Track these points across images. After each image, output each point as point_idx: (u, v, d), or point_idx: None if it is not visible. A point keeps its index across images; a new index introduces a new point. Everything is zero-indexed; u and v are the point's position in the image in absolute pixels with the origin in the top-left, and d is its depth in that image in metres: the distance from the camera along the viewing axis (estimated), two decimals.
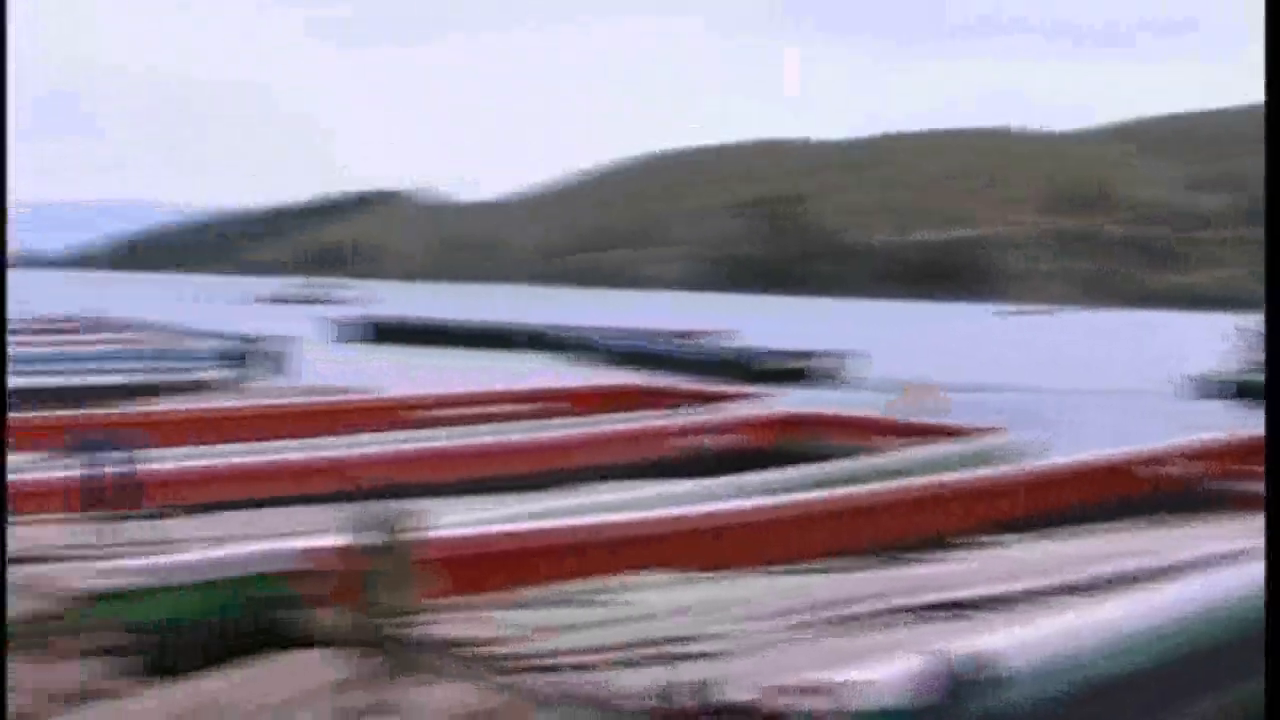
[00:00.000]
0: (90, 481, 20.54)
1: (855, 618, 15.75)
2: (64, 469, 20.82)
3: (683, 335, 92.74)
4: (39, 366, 43.10)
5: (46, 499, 20.48)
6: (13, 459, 20.40)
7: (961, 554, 21.71)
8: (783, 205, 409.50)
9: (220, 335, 62.65)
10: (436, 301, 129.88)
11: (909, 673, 11.26)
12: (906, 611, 16.12)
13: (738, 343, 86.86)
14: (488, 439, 30.31)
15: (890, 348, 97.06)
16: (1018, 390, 68.99)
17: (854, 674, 11.20)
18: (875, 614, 15.79)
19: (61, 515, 19.80)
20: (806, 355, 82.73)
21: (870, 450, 29.62)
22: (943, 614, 16.23)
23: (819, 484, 22.45)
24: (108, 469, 20.42)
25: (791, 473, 24.06)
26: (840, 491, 21.73)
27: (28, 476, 20.02)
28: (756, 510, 20.28)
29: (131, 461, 20.53)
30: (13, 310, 19.54)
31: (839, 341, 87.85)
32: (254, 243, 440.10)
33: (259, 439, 29.64)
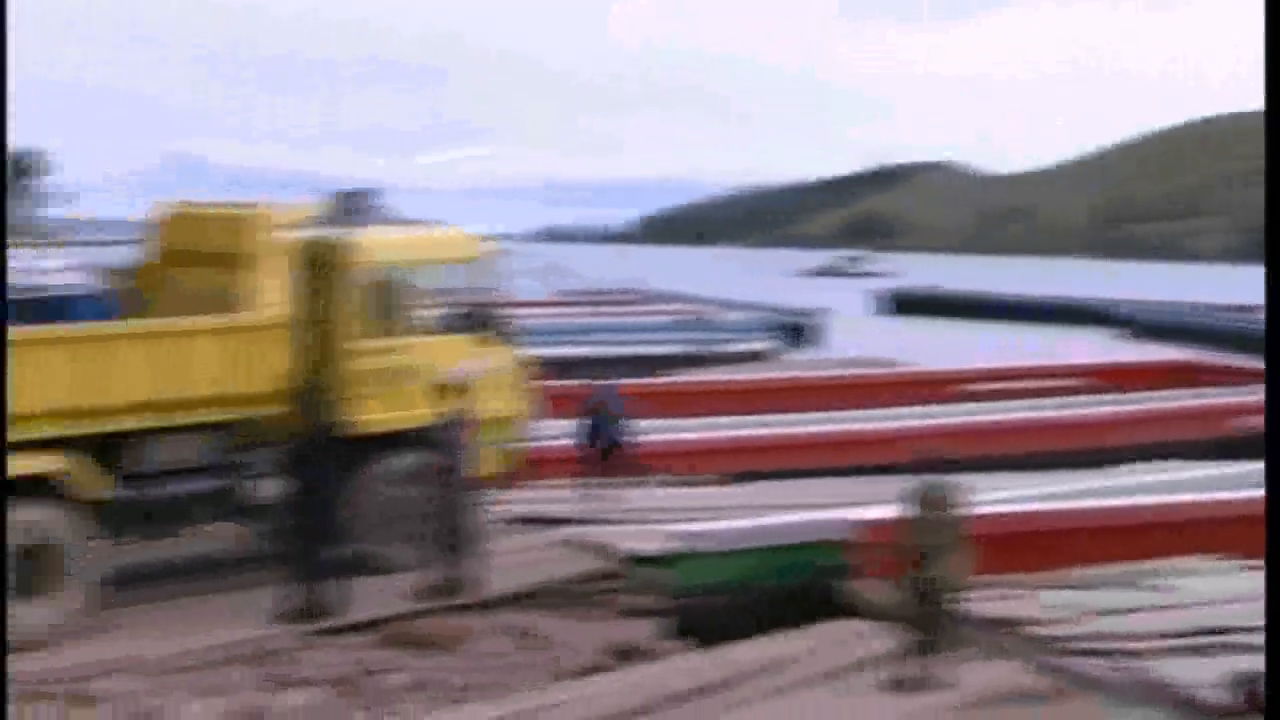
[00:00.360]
0: (591, 447, 21.18)
1: None
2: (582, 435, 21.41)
3: (1236, 309, 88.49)
4: (593, 337, 44.93)
5: (567, 464, 21.22)
6: (550, 424, 20.97)
7: None
8: None
9: (758, 307, 63.86)
10: (973, 274, 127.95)
11: None
12: None
13: None
14: (1034, 414, 29.87)
15: None
16: None
17: None
18: None
19: (596, 480, 20.50)
20: None
21: None
22: None
23: None
24: (610, 436, 20.97)
25: None
26: None
27: (548, 443, 20.80)
28: None
29: (628, 429, 20.97)
30: (566, 283, 20.32)
31: None
32: (797, 216, 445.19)
33: (800, 409, 30.16)
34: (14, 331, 13.89)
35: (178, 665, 13.41)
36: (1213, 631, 13.51)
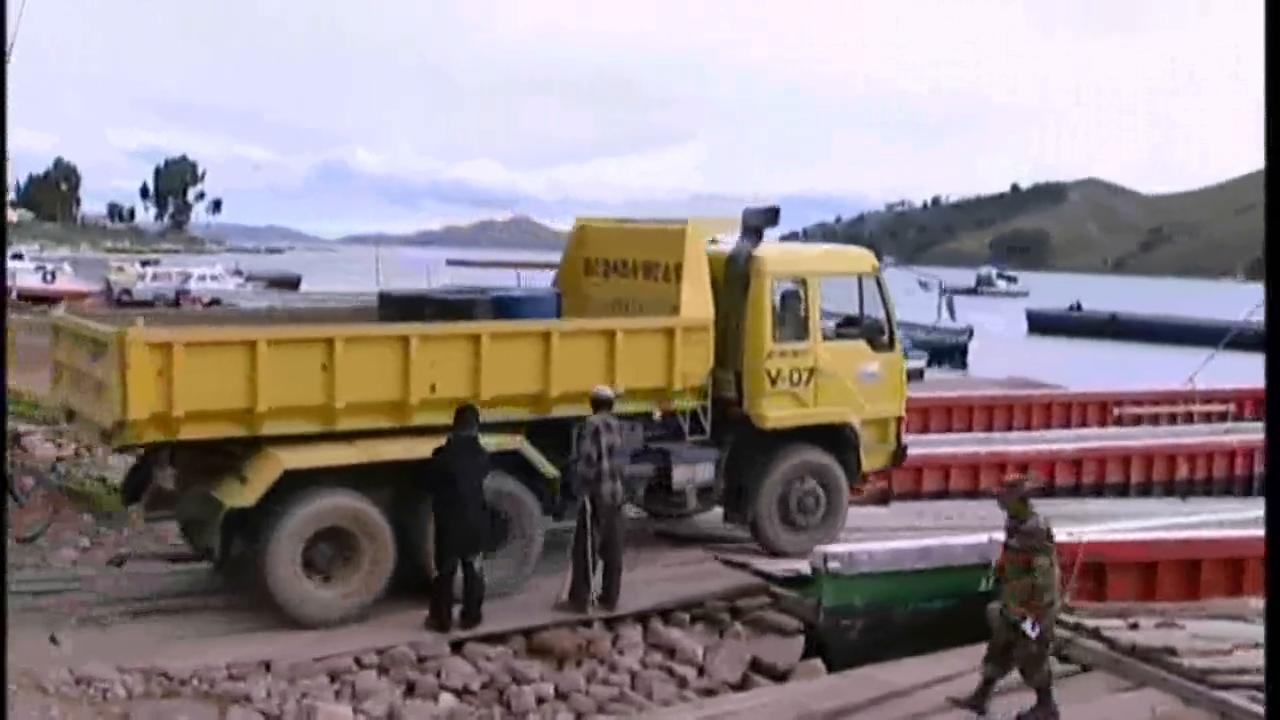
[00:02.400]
0: None
1: None
2: None
3: None
4: None
5: None
6: None
7: None
8: None
9: (907, 326, 63.42)
10: (1127, 293, 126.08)
11: None
12: None
13: None
14: (1188, 439, 29.41)
15: None
16: None
17: None
18: None
19: None
20: None
21: None
22: None
23: None
24: None
25: None
26: None
27: None
28: None
29: None
30: None
31: None
32: (949, 233, 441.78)
33: (949, 429, 29.97)
34: (486, 326, 16.13)
35: (325, 669, 13.60)
36: None
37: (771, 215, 18.32)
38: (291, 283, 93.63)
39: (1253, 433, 30.49)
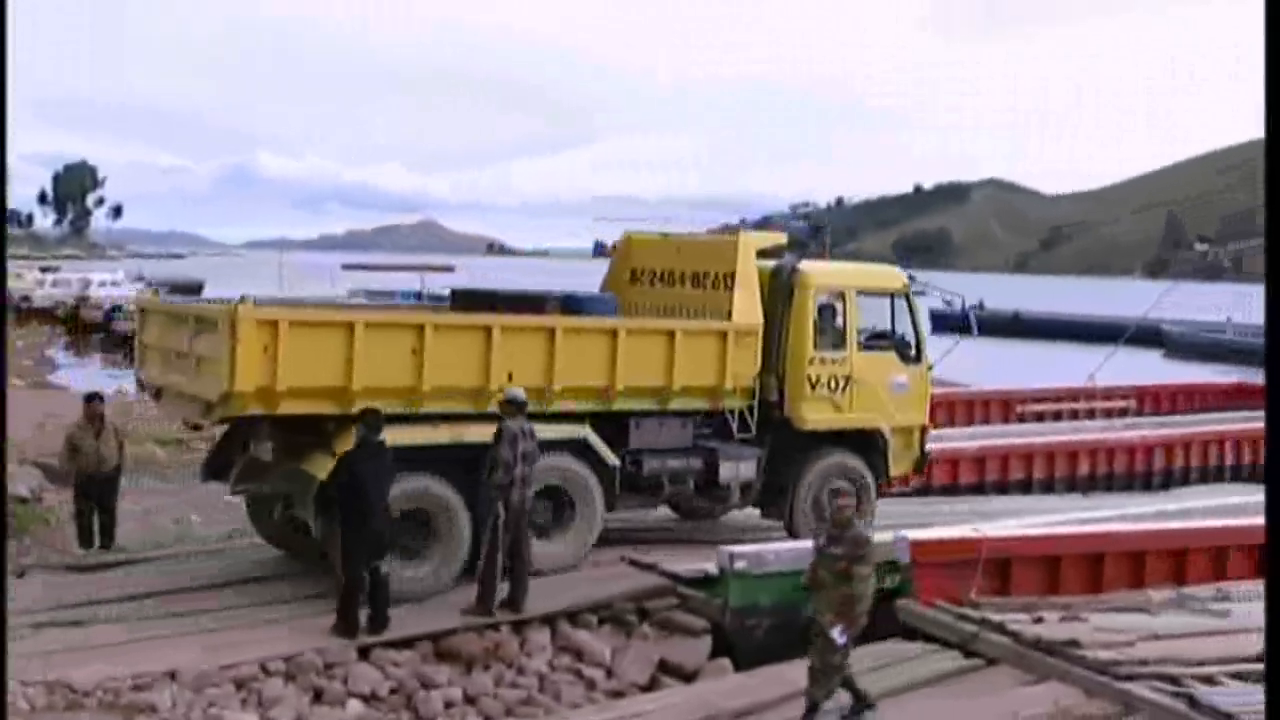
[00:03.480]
0: None
1: None
2: None
3: None
4: None
5: None
6: None
7: None
8: None
9: None
10: (1025, 292, 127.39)
11: None
12: None
13: None
14: (1087, 435, 29.75)
15: None
16: None
17: None
18: None
19: None
20: None
21: None
22: None
23: None
24: None
25: None
26: None
27: None
28: None
29: None
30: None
31: None
32: (851, 234, 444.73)
33: None
34: (561, 320, 17.27)
35: (231, 677, 13.47)
36: (1254, 659, 13.38)
37: (815, 231, 19.80)
38: (194, 288, 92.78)
39: (1150, 428, 30.94)
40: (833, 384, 19.18)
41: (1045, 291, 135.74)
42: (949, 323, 22.93)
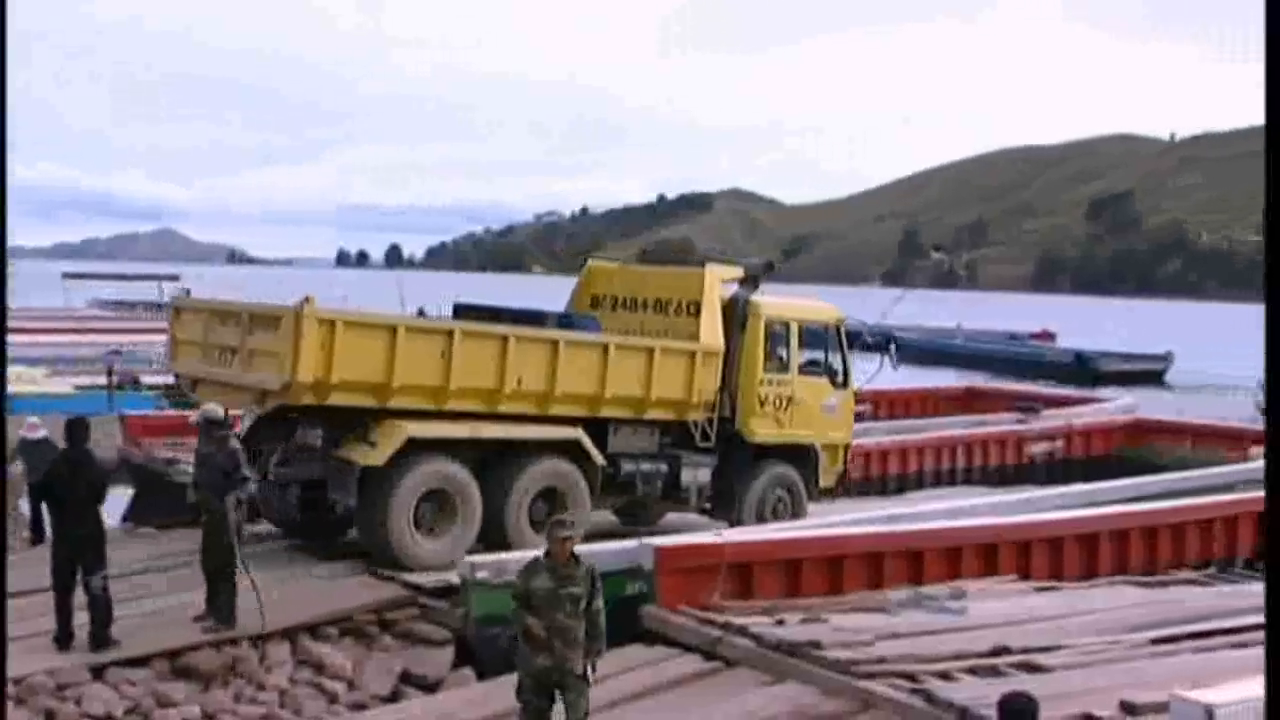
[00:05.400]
0: None
1: (1207, 634, 15.26)
2: None
3: (1016, 337, 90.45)
4: None
5: None
6: None
7: None
8: (1124, 201, 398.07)
9: None
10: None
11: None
12: (1258, 629, 15.53)
13: (1075, 344, 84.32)
14: None
15: (1223, 349, 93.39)
16: None
17: (1208, 693, 10.85)
18: (1230, 630, 15.26)
19: None
20: (1146, 357, 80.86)
21: (1221, 459, 28.80)
22: None
23: (1165, 493, 21.96)
24: None
25: (1138, 481, 23.59)
26: (1185, 502, 21.16)
27: None
28: (1100, 519, 19.91)
29: None
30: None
31: (1170, 342, 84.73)
32: (596, 243, 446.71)
33: None
34: (564, 334, 19.34)
35: None
36: (1005, 652, 13.73)
37: (768, 267, 22.28)
38: None
39: (885, 433, 31.55)
40: (778, 403, 21.40)
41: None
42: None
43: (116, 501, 21.42)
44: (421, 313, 22.04)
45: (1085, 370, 71.57)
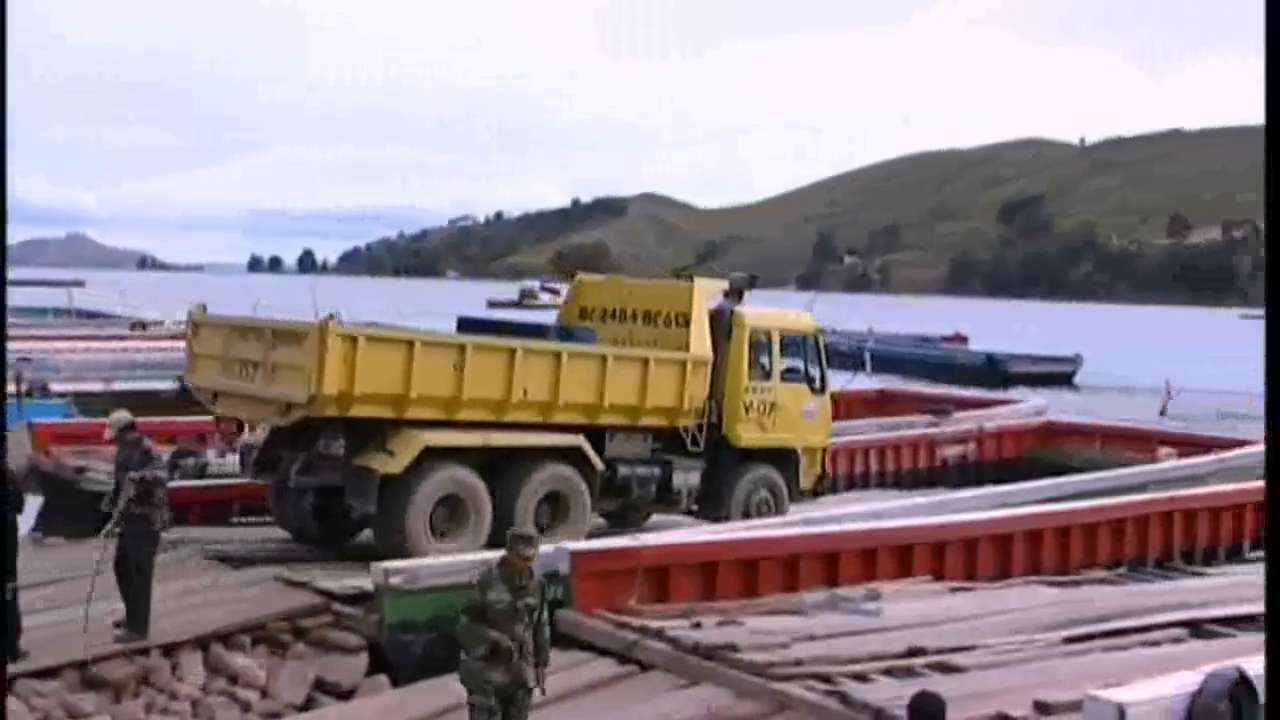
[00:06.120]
0: None
1: (1119, 633, 15.41)
2: None
3: (929, 340, 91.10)
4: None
5: None
6: None
7: (1224, 568, 21.20)
8: (1035, 205, 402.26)
9: None
10: None
11: (1181, 692, 10.94)
12: (1173, 627, 15.72)
13: (986, 347, 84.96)
14: None
15: (1131, 351, 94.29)
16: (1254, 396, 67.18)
17: (1121, 692, 10.96)
18: (1141, 629, 15.42)
19: None
20: (1056, 360, 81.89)
21: (1130, 460, 29.14)
22: (1210, 630, 15.78)
23: (1076, 494, 22.21)
24: None
25: (1051, 482, 23.83)
26: (1096, 503, 21.30)
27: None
28: (1014, 520, 20.05)
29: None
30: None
31: (1079, 344, 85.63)
32: (511, 248, 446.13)
33: None
34: (565, 346, 20.41)
35: None
36: (920, 652, 13.80)
37: (750, 281, 23.17)
38: None
39: None
40: (761, 409, 22.43)
41: None
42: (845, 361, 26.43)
43: (27, 510, 21.11)
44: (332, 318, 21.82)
45: (996, 372, 72.21)
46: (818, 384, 23.36)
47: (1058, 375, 75.40)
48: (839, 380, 24.62)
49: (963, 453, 32.67)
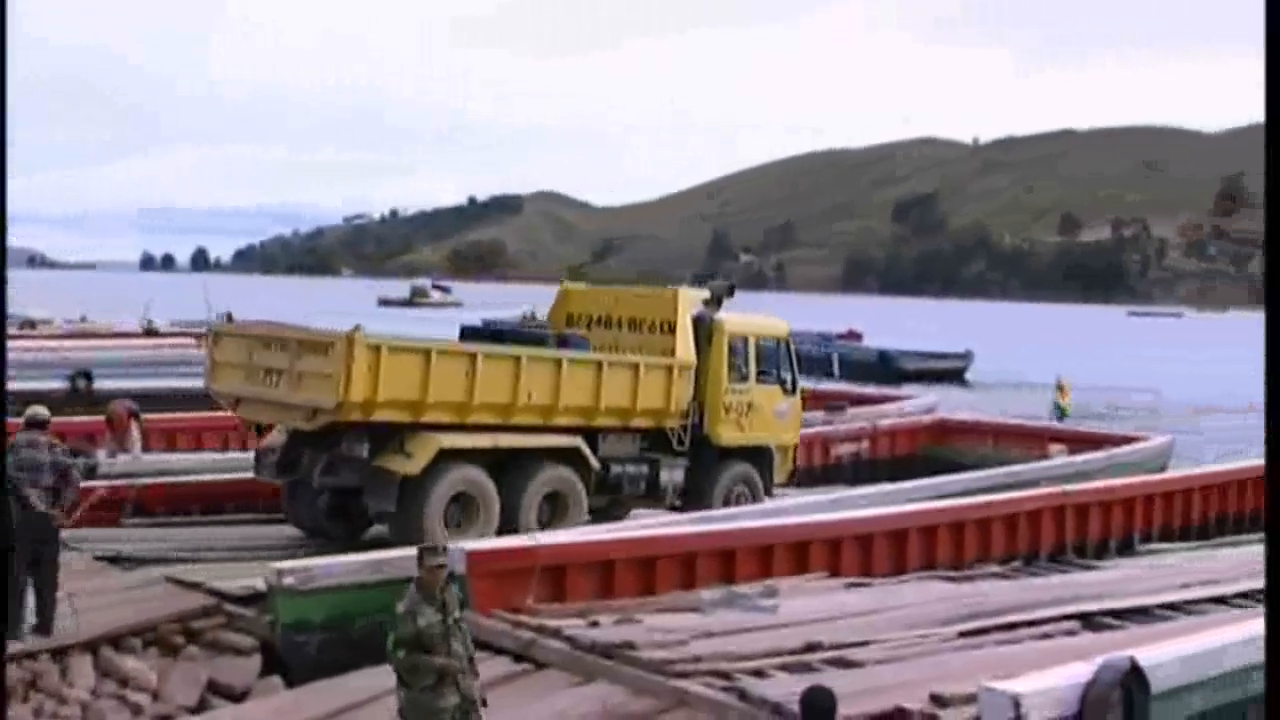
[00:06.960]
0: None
1: (1013, 625, 15.57)
2: None
3: (828, 336, 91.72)
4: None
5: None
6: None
7: (1116, 562, 21.56)
8: (929, 204, 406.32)
9: None
10: None
11: (1074, 682, 11.07)
12: (1066, 620, 15.91)
13: (880, 343, 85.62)
14: None
15: (1022, 348, 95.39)
16: (1143, 392, 68.84)
17: (1015, 684, 11.07)
18: (1035, 622, 15.60)
19: None
20: (947, 356, 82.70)
21: (1023, 456, 29.56)
22: (1102, 622, 15.99)
23: (970, 491, 22.54)
24: None
25: (945, 479, 24.24)
26: (990, 498, 21.68)
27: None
28: (909, 516, 20.20)
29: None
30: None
31: (971, 341, 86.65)
32: (407, 245, 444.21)
33: None
34: (565, 352, 21.52)
35: None
36: (817, 648, 13.85)
37: (729, 289, 24.59)
38: None
39: None
40: (740, 410, 23.63)
41: None
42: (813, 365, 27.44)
43: None
44: (229, 318, 22.00)
45: (889, 369, 72.76)
46: (789, 385, 24.44)
47: (950, 371, 76.18)
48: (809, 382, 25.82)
49: (856, 450, 32.90)
